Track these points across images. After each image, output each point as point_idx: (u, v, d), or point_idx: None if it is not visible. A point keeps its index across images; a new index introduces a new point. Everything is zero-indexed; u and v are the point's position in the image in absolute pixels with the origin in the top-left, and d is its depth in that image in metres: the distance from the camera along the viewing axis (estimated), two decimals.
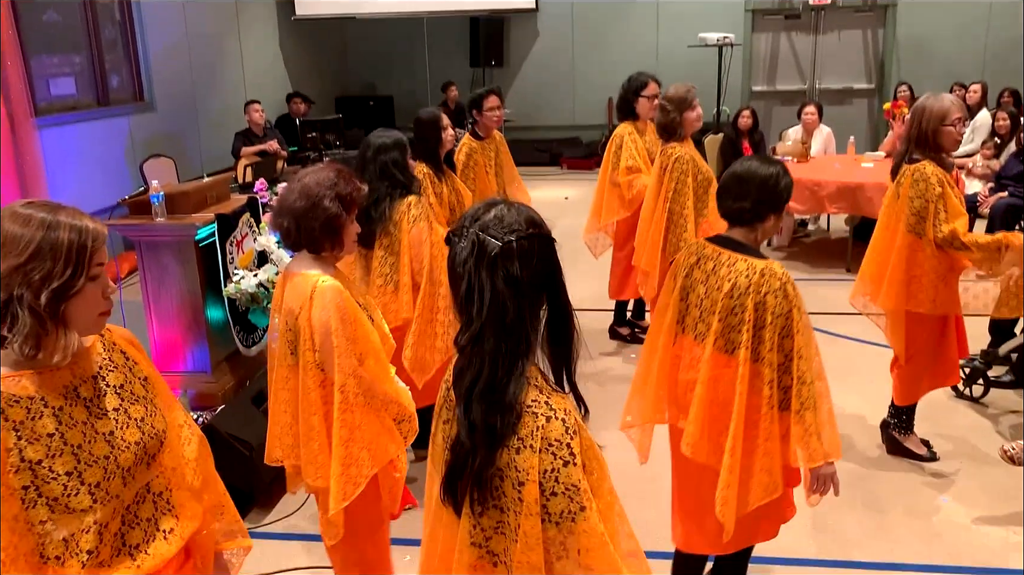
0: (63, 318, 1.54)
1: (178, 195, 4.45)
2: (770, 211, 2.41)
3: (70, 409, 1.59)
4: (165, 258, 4.40)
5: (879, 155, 7.70)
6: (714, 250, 2.47)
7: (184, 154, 8.27)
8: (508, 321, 1.43)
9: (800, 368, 2.33)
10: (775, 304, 2.32)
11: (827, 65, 11.74)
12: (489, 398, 1.43)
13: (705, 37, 10.18)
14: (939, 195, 3.35)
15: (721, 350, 2.42)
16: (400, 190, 3.44)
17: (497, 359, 1.43)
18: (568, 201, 9.81)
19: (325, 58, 12.19)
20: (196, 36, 8.89)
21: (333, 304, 2.29)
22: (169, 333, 4.52)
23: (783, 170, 2.42)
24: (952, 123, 3.37)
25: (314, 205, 2.30)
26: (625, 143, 4.95)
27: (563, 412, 1.44)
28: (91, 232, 1.56)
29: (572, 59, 12.22)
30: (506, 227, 1.45)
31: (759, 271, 2.35)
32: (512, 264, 1.43)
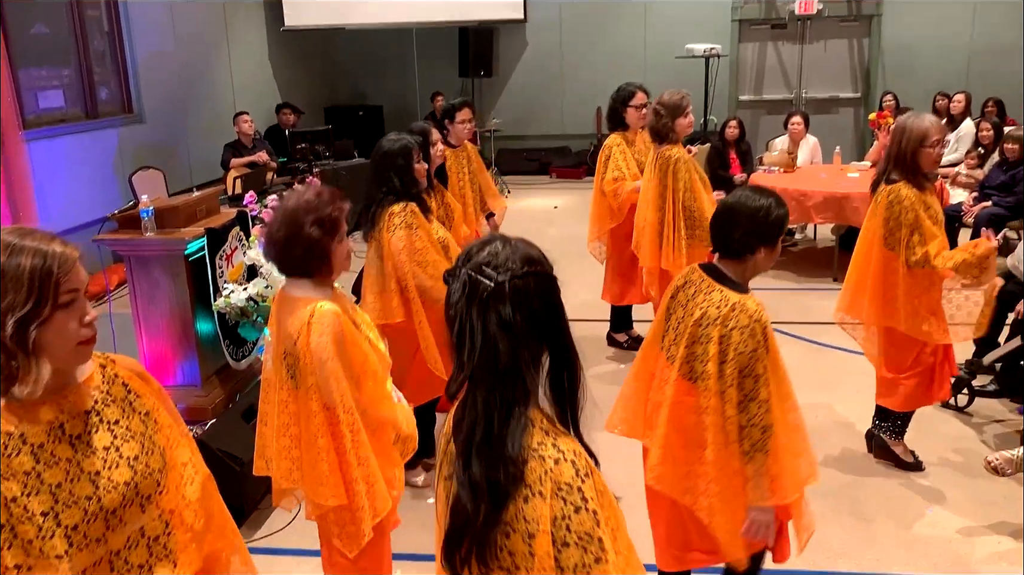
0: (35, 349, 1.44)
1: (168, 210, 4.46)
2: (760, 243, 2.35)
3: (52, 446, 1.50)
4: (155, 272, 4.40)
5: (865, 165, 7.76)
6: (700, 276, 2.45)
7: (173, 166, 8.27)
8: (501, 367, 1.33)
9: (757, 411, 2.28)
10: (739, 341, 2.27)
11: (813, 74, 11.82)
12: (488, 452, 1.33)
13: (692, 48, 10.27)
14: (912, 219, 3.39)
15: (685, 376, 2.41)
16: (392, 196, 3.51)
17: (491, 409, 1.33)
18: (557, 210, 9.85)
19: (314, 68, 12.21)
20: (185, 47, 8.90)
21: (330, 330, 2.28)
22: (159, 347, 4.52)
23: (776, 202, 2.37)
24: (932, 144, 3.39)
25: (295, 234, 2.27)
26: (613, 154, 5.03)
27: (572, 454, 1.34)
28: (57, 257, 1.45)
29: (560, 69, 12.28)
30: (500, 266, 1.35)
31: (730, 304, 2.31)
32: (504, 306, 1.33)
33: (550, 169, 12.22)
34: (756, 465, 2.30)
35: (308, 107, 10.98)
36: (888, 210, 3.43)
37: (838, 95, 11.92)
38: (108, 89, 7.93)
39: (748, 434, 2.29)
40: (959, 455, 4.06)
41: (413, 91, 12.06)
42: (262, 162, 8.34)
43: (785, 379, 2.39)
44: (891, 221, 3.44)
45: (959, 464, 3.99)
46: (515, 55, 12.41)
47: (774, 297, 6.10)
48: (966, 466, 3.96)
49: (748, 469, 2.31)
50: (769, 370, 2.30)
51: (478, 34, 11.85)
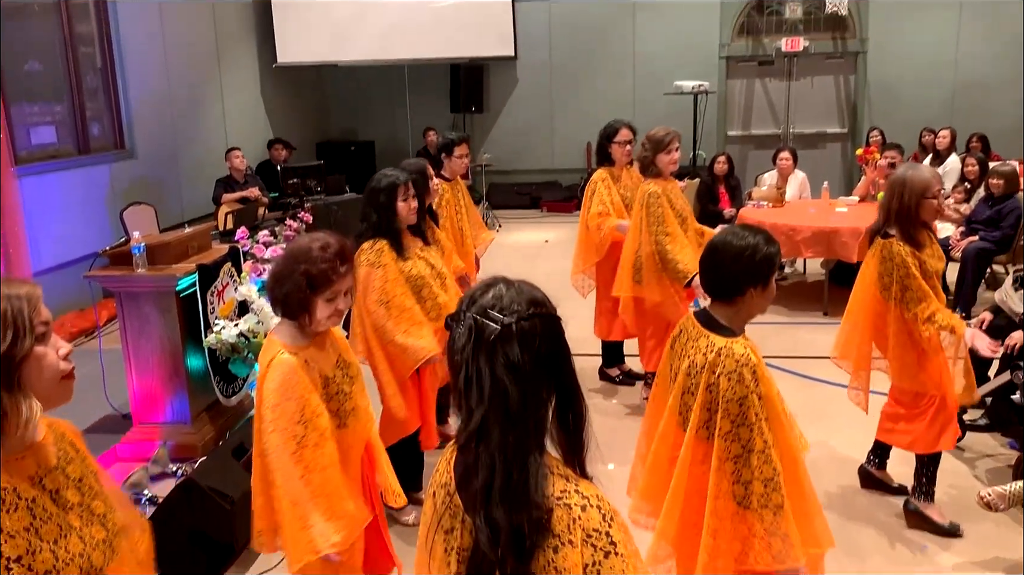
0: (21, 386, 1.43)
1: (159, 246, 4.47)
2: (749, 284, 2.25)
3: (41, 501, 1.46)
4: (145, 308, 4.40)
5: (853, 200, 7.84)
6: (692, 323, 2.36)
7: (165, 201, 8.29)
8: (513, 411, 1.31)
9: (757, 462, 2.15)
10: (727, 388, 2.16)
11: (800, 110, 11.98)
12: (511, 499, 1.29)
13: (681, 85, 10.39)
14: (903, 276, 3.36)
15: (680, 427, 2.31)
16: (368, 232, 3.57)
17: (507, 454, 1.30)
18: (548, 244, 9.89)
19: (306, 104, 12.30)
20: (178, 83, 8.96)
21: (279, 381, 2.26)
22: (149, 383, 4.50)
23: (764, 239, 2.26)
24: (933, 195, 3.36)
25: (285, 274, 2.30)
26: (598, 189, 5.10)
27: (596, 499, 1.34)
28: (24, 294, 1.46)
29: (550, 105, 12.40)
30: (506, 308, 1.35)
31: (716, 350, 2.21)
32: (512, 348, 1.32)
33: (541, 203, 12.29)
34: (765, 524, 2.15)
35: (300, 143, 11.03)
36: (883, 265, 3.43)
37: (825, 130, 12.07)
38: (100, 125, 7.96)
39: (752, 489, 2.15)
40: (952, 490, 4.05)
41: (405, 127, 12.15)
42: (254, 197, 8.35)
43: (784, 427, 2.26)
44: (884, 276, 3.43)
45: (952, 500, 3.97)
46: (506, 91, 12.54)
47: (765, 331, 6.10)
48: (959, 502, 3.95)
49: (757, 529, 2.16)
50: (767, 417, 2.17)
51: (469, 71, 11.98)
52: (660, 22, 11.86)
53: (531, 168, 12.54)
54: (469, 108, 12.10)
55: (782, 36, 11.57)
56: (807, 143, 11.69)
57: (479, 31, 11.76)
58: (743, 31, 11.88)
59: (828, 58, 11.82)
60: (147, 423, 4.53)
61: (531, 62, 12.24)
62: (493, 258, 9.11)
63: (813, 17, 11.60)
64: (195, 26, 9.42)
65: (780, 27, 11.75)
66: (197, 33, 9.46)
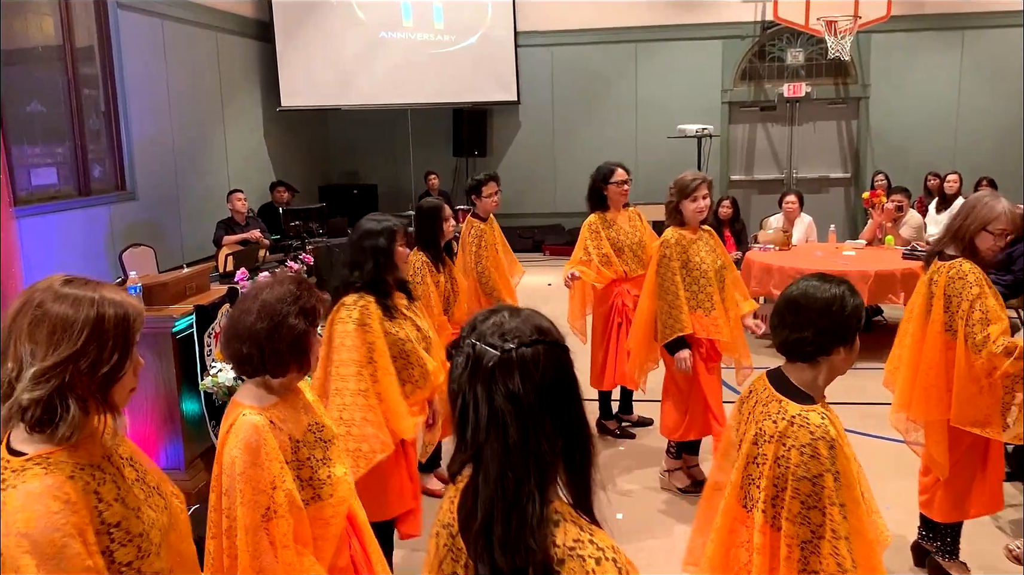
0: (107, 403, 1.52)
1: (156, 286, 4.37)
2: (838, 343, 1.99)
3: (116, 476, 1.56)
4: (141, 350, 4.24)
5: (860, 243, 7.77)
6: (763, 385, 2.10)
7: (165, 243, 8.23)
8: (512, 446, 1.22)
9: (826, 552, 1.89)
10: (798, 463, 1.90)
11: (803, 155, 12.00)
12: (512, 544, 1.20)
13: (684, 128, 10.40)
14: (976, 295, 3.06)
15: (740, 503, 2.07)
16: (355, 285, 3.16)
17: (507, 494, 1.21)
18: (551, 287, 9.79)
19: (309, 147, 12.32)
20: (181, 126, 8.96)
21: (243, 443, 2.00)
22: (142, 428, 4.36)
23: (849, 290, 2.02)
24: (996, 232, 3.10)
25: (278, 324, 2.06)
26: (582, 236, 4.99)
27: (612, 551, 1.24)
28: (134, 311, 1.56)
29: (553, 149, 12.42)
30: (507, 334, 1.26)
31: (788, 418, 1.95)
32: (512, 377, 1.23)
33: (543, 247, 12.25)
34: None
35: (303, 186, 11.02)
36: (950, 286, 3.11)
37: (828, 175, 12.06)
38: (102, 166, 7.92)
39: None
40: (975, 542, 3.89)
41: (407, 171, 12.15)
42: (255, 239, 8.29)
43: (862, 515, 1.98)
44: (954, 298, 3.09)
45: (975, 552, 3.81)
46: (508, 135, 12.57)
47: None
48: (984, 555, 3.79)
49: None
50: (843, 502, 1.91)
51: (472, 115, 12.02)
52: (662, 67, 11.93)
53: (534, 212, 12.52)
54: (472, 152, 12.11)
55: (784, 82, 11.64)
56: (810, 187, 11.67)
57: (482, 76, 11.83)
58: (745, 76, 11.94)
59: (831, 103, 11.86)
60: None
61: (534, 106, 12.29)
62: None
63: (815, 63, 11.66)
64: (199, 69, 9.45)
65: (782, 73, 11.81)
66: (201, 76, 9.49)
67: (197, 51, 9.38)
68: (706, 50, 11.78)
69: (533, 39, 12.00)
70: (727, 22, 11.66)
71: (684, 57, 11.81)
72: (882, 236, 7.64)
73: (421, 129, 12.13)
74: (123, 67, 7.96)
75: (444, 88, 11.66)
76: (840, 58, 10.55)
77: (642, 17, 11.76)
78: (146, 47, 8.33)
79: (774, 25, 11.31)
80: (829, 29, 10.30)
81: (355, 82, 11.40)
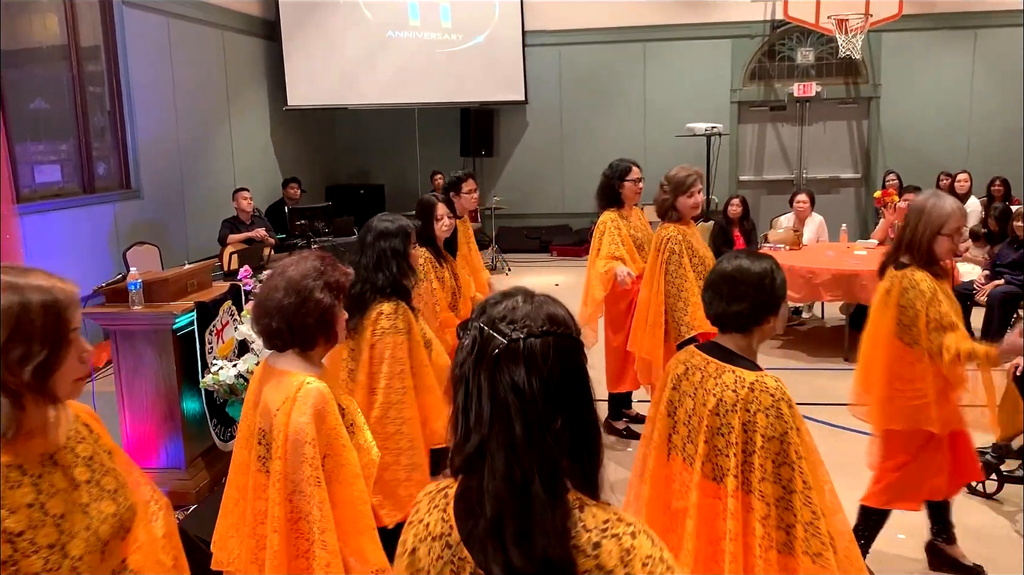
0: (47, 396, 1.45)
1: (157, 282, 4.31)
2: (769, 313, 2.14)
3: (49, 477, 1.47)
4: (140, 347, 4.23)
5: (872, 243, 7.66)
6: (703, 359, 2.18)
7: (170, 242, 8.18)
8: (517, 439, 1.16)
9: (798, 503, 1.99)
10: (766, 425, 2.00)
11: (813, 155, 11.89)
12: (528, 538, 1.14)
13: (693, 127, 10.31)
14: (928, 301, 3.01)
15: (709, 477, 2.10)
16: (383, 291, 3.15)
17: (516, 489, 1.15)
18: (558, 287, 9.72)
19: (316, 147, 12.27)
20: (187, 125, 8.91)
21: (312, 409, 2.09)
22: (142, 427, 4.30)
23: (775, 264, 2.17)
24: (951, 232, 3.04)
25: (305, 299, 2.14)
26: (608, 230, 4.88)
27: (642, 525, 1.21)
28: (66, 296, 1.45)
29: (561, 149, 12.34)
30: (517, 321, 1.20)
31: (747, 385, 2.06)
32: (518, 368, 1.17)
33: (550, 247, 12.17)
34: (829, 569, 1.99)
35: (310, 185, 10.96)
36: (903, 296, 3.06)
37: (839, 175, 11.94)
38: (106, 164, 7.88)
39: (794, 534, 1.99)
40: (991, 546, 3.80)
41: (414, 170, 12.09)
42: (260, 238, 8.24)
43: (820, 464, 2.11)
44: (908, 309, 3.05)
45: (992, 556, 3.72)
46: (516, 135, 12.50)
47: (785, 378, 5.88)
48: (1000, 558, 3.70)
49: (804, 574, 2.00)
50: (805, 455, 2.03)
51: (479, 115, 11.96)
52: (671, 67, 11.84)
53: (541, 212, 12.44)
54: (479, 152, 12.05)
55: (794, 81, 11.53)
56: (821, 188, 11.55)
57: (489, 75, 11.76)
58: (755, 76, 11.84)
59: (841, 103, 11.74)
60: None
61: (541, 106, 12.21)
62: None
63: (825, 62, 11.55)
64: (205, 68, 9.40)
65: (792, 72, 11.71)
66: (207, 75, 9.44)
67: (203, 49, 9.34)
68: (715, 49, 11.69)
69: (541, 38, 11.93)
70: (736, 21, 11.56)
71: (693, 56, 11.72)
72: (894, 235, 7.53)
73: (428, 129, 12.07)
74: (128, 65, 7.92)
75: (451, 88, 11.60)
76: (851, 57, 10.45)
77: (651, 16, 11.67)
78: (152, 45, 8.29)
79: (784, 24, 11.21)
80: (840, 28, 10.20)
81: (361, 81, 11.35)
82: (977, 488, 4.27)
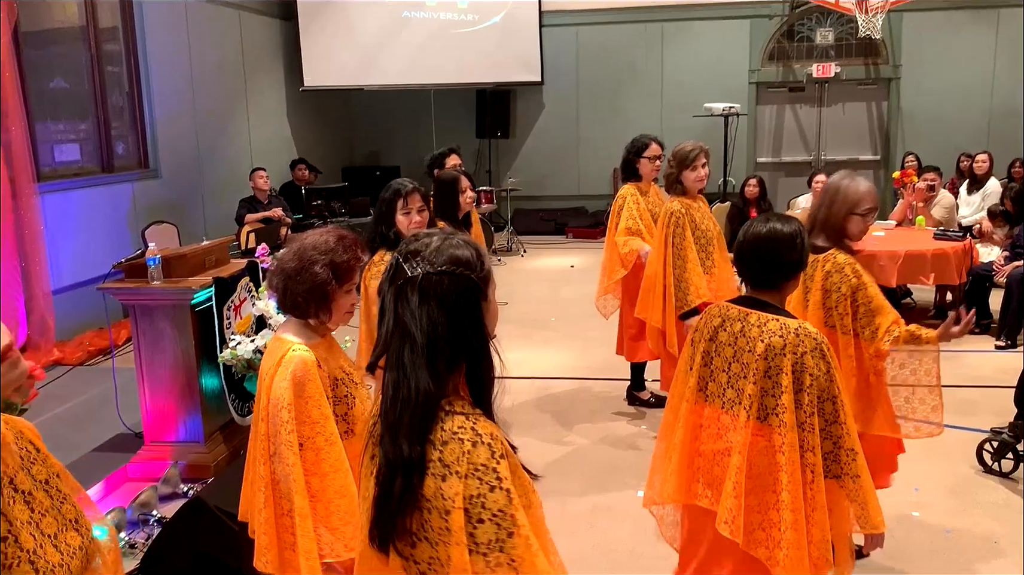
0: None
1: (175, 258, 4.34)
2: (799, 270, 2.37)
3: (13, 506, 1.32)
4: (160, 323, 4.27)
5: (890, 224, 7.61)
6: (740, 311, 2.38)
7: (187, 221, 8.22)
8: (410, 354, 1.38)
9: (841, 433, 2.25)
10: (813, 365, 2.22)
11: (832, 136, 11.78)
12: (395, 430, 1.38)
13: (711, 107, 10.25)
14: (856, 286, 2.95)
15: (756, 417, 2.28)
16: (375, 241, 3.41)
17: (399, 391, 1.39)
18: (574, 269, 9.72)
19: (332, 128, 12.28)
20: (204, 105, 8.94)
21: (292, 375, 2.14)
22: (161, 401, 4.35)
23: (801, 226, 2.39)
24: (864, 213, 3.02)
25: (303, 268, 2.18)
26: (627, 204, 4.97)
27: (489, 437, 1.39)
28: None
29: (577, 131, 12.29)
30: (425, 258, 1.41)
31: (793, 330, 2.26)
32: (414, 297, 1.39)
33: (566, 229, 12.14)
34: (850, 492, 2.26)
35: (325, 166, 10.99)
36: (827, 280, 3.00)
37: (858, 157, 11.83)
38: (125, 144, 7.93)
39: (836, 458, 2.25)
40: (1007, 524, 3.79)
41: (430, 152, 12.03)
42: (277, 218, 8.28)
43: (849, 402, 2.35)
44: (833, 293, 2.99)
45: (1007, 534, 3.71)
46: (532, 116, 12.46)
47: None
48: (1015, 535, 3.69)
49: (838, 496, 2.27)
50: (842, 390, 2.27)
51: (495, 96, 11.92)
52: (689, 47, 11.75)
53: (557, 194, 12.40)
54: (495, 133, 12.02)
55: (813, 62, 11.42)
56: (839, 170, 11.45)
57: (506, 56, 11.71)
58: (773, 57, 11.73)
59: (860, 84, 11.62)
60: (159, 442, 4.38)
61: (558, 87, 12.15)
62: (517, 282, 8.97)
63: (845, 43, 11.43)
64: (222, 48, 9.42)
65: (811, 53, 11.59)
66: (224, 55, 9.46)
67: (220, 30, 9.35)
68: (734, 30, 11.58)
69: (558, 19, 11.86)
70: (755, 1, 11.44)
71: (711, 37, 11.62)
72: (912, 217, 7.48)
73: (444, 110, 12.05)
74: (146, 45, 7.94)
75: (467, 68, 11.56)
76: (871, 37, 10.32)
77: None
78: (169, 25, 8.30)
79: (803, 3, 11.09)
80: (860, 7, 10.07)
81: (378, 62, 11.33)
82: (993, 467, 4.25)
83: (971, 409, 5.08)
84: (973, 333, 6.69)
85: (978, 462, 4.30)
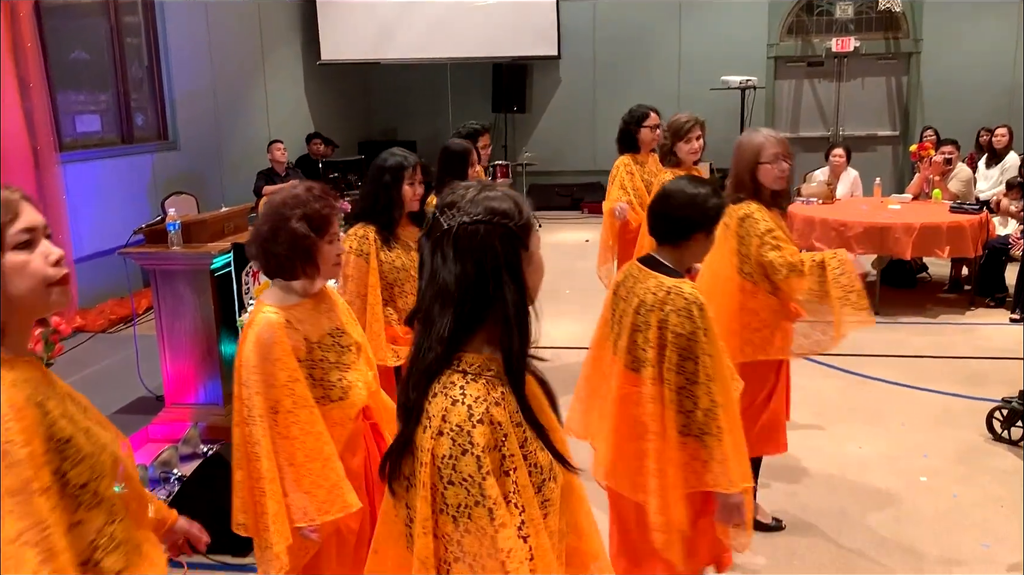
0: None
1: (195, 224, 4.42)
2: (697, 230, 2.38)
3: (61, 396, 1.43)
4: (180, 287, 4.35)
5: (906, 197, 7.58)
6: (639, 269, 2.47)
7: (206, 193, 8.31)
8: (442, 307, 1.37)
9: (700, 393, 2.28)
10: (677, 323, 2.28)
11: (850, 112, 11.69)
12: (411, 378, 1.42)
13: (728, 80, 10.19)
14: (766, 230, 3.06)
15: (628, 367, 2.40)
16: (362, 215, 3.30)
17: (421, 343, 1.40)
18: (588, 243, 9.74)
19: (349, 102, 12.31)
20: (222, 78, 9.00)
21: (256, 338, 2.12)
22: (182, 364, 4.45)
23: (714, 191, 2.41)
24: (769, 159, 3.08)
25: (279, 227, 2.12)
26: (619, 175, 4.97)
27: (472, 399, 1.37)
28: None
29: (593, 105, 12.26)
30: (462, 209, 1.38)
31: (665, 288, 2.33)
32: (448, 249, 1.37)
33: (582, 204, 12.15)
34: (708, 450, 2.29)
35: (342, 140, 11.03)
36: (740, 227, 3.10)
37: (876, 133, 11.75)
38: (145, 116, 8.01)
39: (693, 418, 2.29)
40: (1015, 491, 3.83)
41: (446, 126, 12.07)
42: None
43: (725, 364, 2.38)
44: (745, 238, 3.09)
45: (1016, 501, 3.75)
46: (548, 91, 12.43)
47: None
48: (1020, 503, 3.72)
49: (701, 454, 2.30)
50: (711, 353, 2.29)
51: (512, 70, 11.90)
52: (707, 21, 11.66)
53: (573, 169, 12.40)
54: (511, 108, 12.01)
55: (832, 36, 11.30)
56: (858, 146, 11.37)
57: (522, 30, 11.67)
58: (792, 31, 11.63)
59: (880, 59, 11.51)
60: (179, 404, 4.48)
61: (574, 62, 12.11)
62: None
63: (864, 16, 11.31)
64: (241, 21, 9.46)
65: (830, 27, 11.48)
66: (242, 28, 9.51)
67: (238, 2, 9.39)
68: (752, 3, 11.47)
69: None
70: None
71: (729, 10, 11.52)
72: (929, 191, 7.44)
73: (460, 84, 12.05)
74: (165, 17, 8.00)
75: (484, 43, 11.53)
76: (891, 11, 10.23)
77: None
78: None
79: None
80: None
81: (395, 36, 11.34)
82: (1003, 435, 4.28)
83: (982, 380, 5.11)
84: (988, 306, 6.70)
85: (988, 430, 4.34)
